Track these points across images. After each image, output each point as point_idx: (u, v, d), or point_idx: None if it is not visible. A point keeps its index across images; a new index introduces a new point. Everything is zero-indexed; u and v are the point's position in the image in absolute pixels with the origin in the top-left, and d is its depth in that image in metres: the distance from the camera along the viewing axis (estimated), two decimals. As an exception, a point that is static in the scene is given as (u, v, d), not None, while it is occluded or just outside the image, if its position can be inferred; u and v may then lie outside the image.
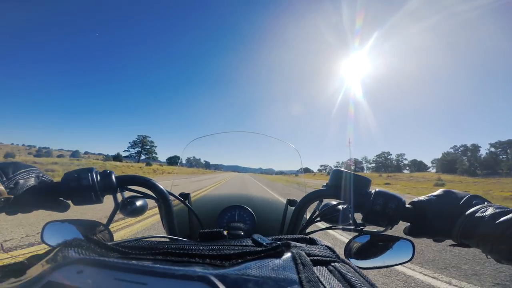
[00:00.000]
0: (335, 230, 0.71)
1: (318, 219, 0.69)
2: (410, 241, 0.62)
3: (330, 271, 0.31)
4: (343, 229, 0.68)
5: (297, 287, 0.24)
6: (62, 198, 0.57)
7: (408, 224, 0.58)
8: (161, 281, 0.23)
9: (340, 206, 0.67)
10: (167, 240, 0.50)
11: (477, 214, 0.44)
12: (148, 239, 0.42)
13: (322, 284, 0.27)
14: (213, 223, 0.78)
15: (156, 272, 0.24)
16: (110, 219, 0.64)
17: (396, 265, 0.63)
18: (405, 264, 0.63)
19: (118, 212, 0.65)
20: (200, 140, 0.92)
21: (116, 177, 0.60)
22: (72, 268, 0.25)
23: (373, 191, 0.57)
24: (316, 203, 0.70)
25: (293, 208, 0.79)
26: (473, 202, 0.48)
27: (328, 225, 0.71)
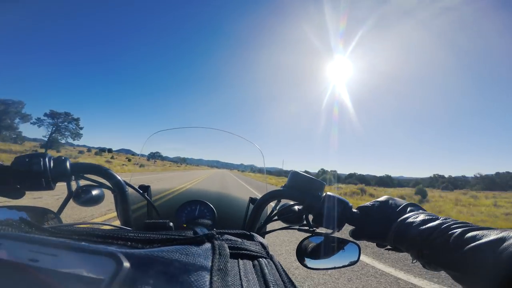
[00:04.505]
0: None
1: (276, 218, 0.71)
2: (357, 244, 0.66)
3: (254, 265, 0.32)
4: (299, 230, 0.70)
5: (206, 273, 0.25)
6: (13, 183, 0.55)
7: (353, 227, 0.61)
8: (70, 254, 0.25)
9: (296, 207, 0.69)
10: (110, 227, 0.50)
11: (408, 220, 0.47)
12: (91, 226, 0.42)
13: (240, 274, 0.28)
14: (173, 217, 0.78)
15: (69, 246, 0.25)
16: (62, 207, 0.62)
17: (344, 266, 0.66)
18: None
19: (71, 201, 0.64)
20: (170, 135, 0.92)
21: (70, 164, 0.59)
22: None
23: (324, 194, 0.60)
24: (275, 202, 0.72)
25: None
26: (408, 209, 0.52)
27: (285, 225, 0.73)
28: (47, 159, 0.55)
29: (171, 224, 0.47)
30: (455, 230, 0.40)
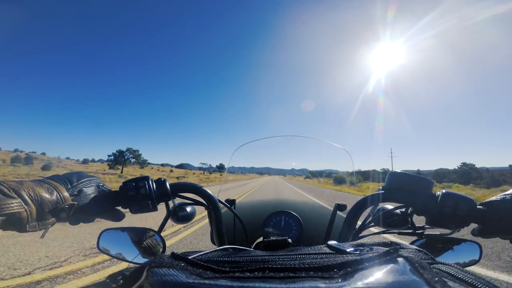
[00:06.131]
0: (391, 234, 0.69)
1: (372, 224, 0.67)
2: (477, 243, 0.59)
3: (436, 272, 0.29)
4: (399, 233, 0.65)
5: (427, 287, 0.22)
6: (120, 207, 0.57)
7: (476, 225, 0.55)
8: None
9: (398, 210, 0.64)
10: (236, 251, 0.49)
11: None
12: (219, 251, 0.40)
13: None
14: (257, 229, 0.76)
15: None
16: (162, 226, 0.64)
17: (463, 267, 0.60)
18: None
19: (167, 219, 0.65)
20: (243, 147, 0.91)
21: (170, 185, 0.60)
22: None
23: (438, 192, 0.55)
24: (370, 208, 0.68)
25: (341, 213, 0.77)
26: None
27: (382, 229, 0.68)
28: (150, 182, 0.57)
29: (289, 240, 0.45)
30: None
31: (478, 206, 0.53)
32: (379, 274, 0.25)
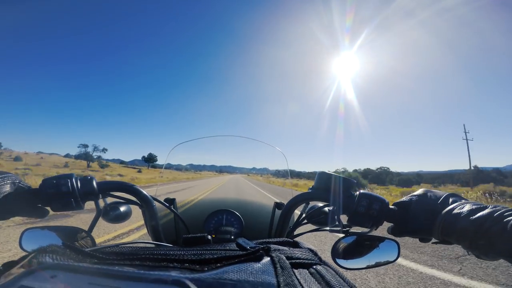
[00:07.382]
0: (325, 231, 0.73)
1: (305, 221, 0.70)
2: (395, 241, 0.63)
3: (311, 273, 0.31)
4: (330, 231, 0.68)
5: None
6: (40, 205, 0.55)
7: (392, 224, 0.59)
8: (134, 285, 0.23)
9: (326, 208, 0.67)
10: (149, 245, 0.49)
11: (454, 211, 0.45)
12: (130, 245, 0.41)
13: (302, 286, 0.27)
14: (200, 228, 0.77)
15: (130, 276, 0.24)
16: (92, 225, 0.62)
17: (382, 265, 0.63)
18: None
19: (101, 218, 0.64)
20: (187, 145, 0.91)
21: (97, 183, 0.59)
22: (46, 273, 0.25)
23: (357, 193, 0.58)
24: (303, 205, 0.71)
25: (280, 211, 0.79)
26: (451, 200, 0.49)
27: (315, 227, 0.71)
28: (73, 180, 0.55)
29: (209, 237, 0.46)
30: (510, 218, 0.38)
31: (390, 206, 0.57)
32: (241, 271, 0.26)
